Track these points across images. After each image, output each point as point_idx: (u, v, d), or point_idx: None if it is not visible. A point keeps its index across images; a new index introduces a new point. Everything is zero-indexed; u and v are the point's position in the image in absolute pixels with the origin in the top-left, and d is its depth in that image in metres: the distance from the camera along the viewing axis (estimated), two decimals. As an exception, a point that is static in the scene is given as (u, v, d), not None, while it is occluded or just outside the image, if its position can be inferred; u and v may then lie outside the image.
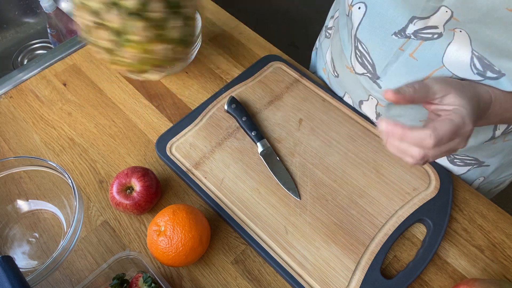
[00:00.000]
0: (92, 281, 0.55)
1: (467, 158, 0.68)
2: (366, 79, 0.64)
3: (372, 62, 0.61)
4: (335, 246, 0.60)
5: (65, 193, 0.64)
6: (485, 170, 0.71)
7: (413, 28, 0.54)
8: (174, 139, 0.70)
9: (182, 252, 0.55)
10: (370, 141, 0.69)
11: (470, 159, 0.69)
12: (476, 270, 0.60)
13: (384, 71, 0.60)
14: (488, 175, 0.72)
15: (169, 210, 0.57)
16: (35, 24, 1.12)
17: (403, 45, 0.56)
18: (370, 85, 0.64)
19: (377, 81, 0.62)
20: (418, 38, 0.54)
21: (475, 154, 0.68)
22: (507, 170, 0.73)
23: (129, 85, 0.80)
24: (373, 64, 0.61)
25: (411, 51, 0.56)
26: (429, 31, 0.53)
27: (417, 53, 0.56)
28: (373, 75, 0.62)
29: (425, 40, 0.54)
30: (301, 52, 1.86)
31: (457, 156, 0.69)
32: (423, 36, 0.54)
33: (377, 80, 0.62)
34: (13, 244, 0.63)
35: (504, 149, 0.67)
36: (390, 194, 0.64)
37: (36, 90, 0.80)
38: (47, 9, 0.95)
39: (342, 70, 0.70)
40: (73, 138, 0.74)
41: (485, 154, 0.68)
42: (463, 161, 0.69)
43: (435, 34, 0.53)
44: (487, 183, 0.74)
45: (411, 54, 0.56)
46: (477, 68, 0.52)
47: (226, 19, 0.90)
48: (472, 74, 0.53)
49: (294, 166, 0.67)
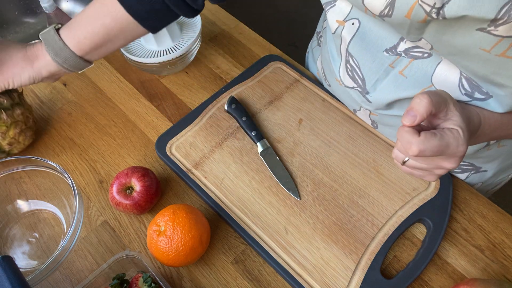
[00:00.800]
0: (92, 281, 0.55)
1: (464, 164, 0.68)
2: (356, 92, 0.64)
3: (363, 77, 0.61)
4: (335, 246, 0.60)
5: (65, 193, 0.64)
6: (483, 175, 0.71)
7: (404, 46, 0.54)
8: (174, 139, 0.70)
9: (182, 252, 0.55)
10: (370, 141, 0.69)
11: (466, 165, 0.69)
12: (476, 270, 0.60)
13: (373, 86, 0.60)
14: (486, 180, 0.72)
15: (169, 210, 0.57)
16: (35, 24, 1.12)
17: (393, 62, 0.57)
18: (361, 99, 0.64)
19: (367, 96, 0.62)
20: (409, 57, 0.55)
21: (472, 160, 0.68)
22: (505, 173, 0.73)
23: (129, 85, 0.80)
24: (363, 79, 0.61)
25: (401, 68, 0.56)
26: (419, 50, 0.53)
27: (407, 71, 0.56)
28: (362, 90, 0.62)
29: (416, 59, 0.54)
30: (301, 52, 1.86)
31: None
32: (414, 55, 0.54)
33: (366, 95, 0.62)
34: (13, 244, 0.63)
35: (501, 155, 0.67)
36: (390, 194, 0.64)
37: (36, 90, 0.80)
38: (47, 9, 0.95)
39: (333, 81, 0.70)
40: (73, 138, 0.74)
41: (481, 160, 0.67)
42: (461, 167, 0.69)
43: (425, 53, 0.53)
44: (485, 186, 0.74)
45: (400, 71, 0.57)
46: (465, 89, 0.52)
47: (226, 19, 0.90)
48: (460, 95, 0.53)
49: (294, 166, 0.67)
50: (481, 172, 0.70)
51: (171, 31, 0.76)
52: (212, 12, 0.91)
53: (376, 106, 0.62)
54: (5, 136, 0.65)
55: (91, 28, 0.60)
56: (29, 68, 0.62)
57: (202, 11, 0.63)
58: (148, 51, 0.77)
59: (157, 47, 0.77)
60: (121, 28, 0.60)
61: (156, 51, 0.77)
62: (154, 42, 0.76)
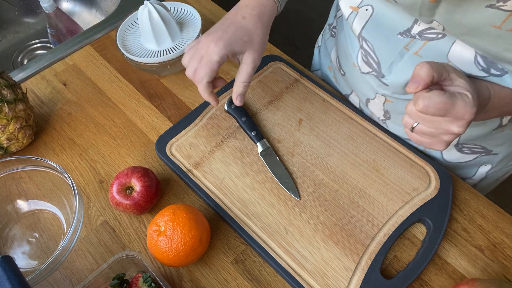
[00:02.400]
0: (92, 281, 0.55)
1: (475, 147, 0.69)
2: (372, 77, 0.64)
3: (378, 60, 0.61)
4: (335, 246, 0.60)
5: (65, 193, 0.64)
6: (493, 159, 0.72)
7: (418, 29, 0.55)
8: (174, 139, 0.70)
9: (182, 252, 0.55)
10: (370, 141, 0.69)
11: (478, 148, 0.69)
12: (476, 270, 0.60)
13: (389, 69, 0.61)
14: (496, 164, 0.73)
15: (169, 210, 0.57)
16: (35, 24, 1.12)
17: (408, 44, 0.57)
18: (377, 83, 0.64)
19: (382, 79, 0.62)
20: (423, 38, 0.55)
21: (483, 143, 0.69)
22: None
23: (129, 85, 0.80)
24: (378, 62, 0.61)
25: (415, 50, 0.57)
26: (433, 31, 0.54)
27: (422, 51, 0.56)
28: (378, 73, 0.63)
29: (430, 40, 0.55)
30: (301, 52, 1.86)
31: (465, 145, 0.69)
32: (428, 36, 0.55)
33: (382, 78, 0.62)
34: (13, 244, 0.63)
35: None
36: (390, 194, 0.64)
37: (36, 90, 0.80)
38: (47, 9, 0.95)
39: (349, 68, 0.70)
40: (73, 138, 0.74)
41: (493, 142, 0.68)
42: (471, 149, 0.70)
43: (439, 34, 0.54)
44: (495, 172, 0.75)
45: (416, 52, 0.57)
46: (481, 65, 0.53)
47: (226, 19, 0.90)
48: (478, 70, 0.53)
49: (294, 166, 0.67)
50: (491, 155, 0.71)
51: (171, 31, 0.76)
52: (212, 12, 0.91)
53: (393, 90, 0.63)
54: (5, 130, 0.65)
55: None
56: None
57: (202, 11, 0.64)
58: (148, 51, 0.77)
59: (157, 47, 0.77)
60: None
61: (156, 51, 0.77)
62: (154, 42, 0.76)
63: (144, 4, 0.74)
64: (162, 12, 0.74)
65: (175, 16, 0.81)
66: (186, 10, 0.82)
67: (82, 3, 1.12)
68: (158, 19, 0.74)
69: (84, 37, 0.87)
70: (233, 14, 0.60)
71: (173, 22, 0.76)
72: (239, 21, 0.59)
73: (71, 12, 1.12)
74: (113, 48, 0.86)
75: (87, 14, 1.12)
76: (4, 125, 0.65)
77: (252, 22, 0.59)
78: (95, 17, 1.11)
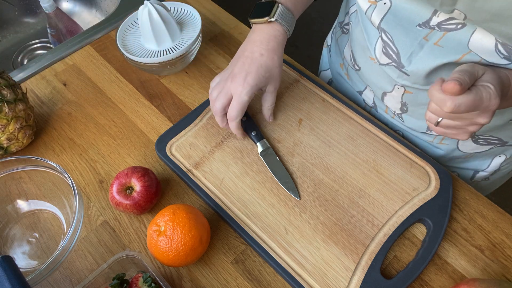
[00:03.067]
0: (92, 281, 0.55)
1: (491, 138, 0.70)
2: (391, 68, 0.64)
3: (397, 51, 0.62)
4: (335, 246, 0.60)
5: (65, 193, 0.64)
6: (508, 150, 0.73)
7: (437, 20, 0.55)
8: (174, 139, 0.70)
9: (182, 252, 0.55)
10: (370, 141, 0.69)
11: (494, 139, 0.70)
12: (476, 270, 0.60)
13: (409, 59, 0.61)
14: (511, 155, 0.74)
15: (169, 210, 0.57)
16: (35, 24, 1.12)
17: (427, 35, 0.58)
18: (397, 74, 0.64)
19: (403, 69, 0.63)
20: (442, 30, 0.56)
21: (499, 134, 0.69)
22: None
23: (129, 85, 0.80)
24: (397, 53, 0.62)
25: (435, 40, 0.57)
26: (452, 22, 0.54)
27: (442, 41, 0.57)
28: (398, 64, 0.63)
29: (449, 31, 0.55)
30: (301, 52, 1.86)
31: (481, 136, 0.70)
32: (447, 28, 0.55)
33: (402, 68, 0.63)
34: (13, 244, 0.64)
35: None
36: (390, 194, 0.64)
37: (36, 90, 0.80)
38: (47, 9, 0.95)
39: (365, 62, 0.71)
40: (73, 138, 0.74)
41: (509, 133, 0.69)
42: (487, 140, 0.70)
43: (458, 24, 0.54)
44: (508, 164, 0.76)
45: (435, 43, 0.58)
46: (502, 53, 0.53)
47: (226, 19, 0.90)
48: (499, 58, 0.54)
49: (294, 166, 0.67)
50: (506, 146, 0.72)
51: (171, 31, 0.76)
52: (212, 12, 0.91)
53: (414, 79, 0.63)
54: (5, 130, 0.65)
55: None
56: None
57: (202, 11, 0.64)
58: (148, 51, 0.77)
59: (157, 47, 0.77)
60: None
61: (156, 51, 0.77)
62: (154, 42, 0.76)
63: (144, 4, 0.74)
64: (162, 12, 0.74)
65: (175, 16, 0.81)
66: (186, 10, 0.82)
67: (82, 3, 1.12)
68: (158, 19, 0.74)
69: (84, 37, 0.87)
70: (250, 52, 0.64)
71: (173, 22, 0.76)
72: (258, 59, 0.64)
73: (71, 12, 1.12)
74: (113, 48, 0.86)
75: (87, 14, 1.12)
76: (4, 125, 0.65)
77: (269, 58, 0.64)
78: (95, 17, 1.11)
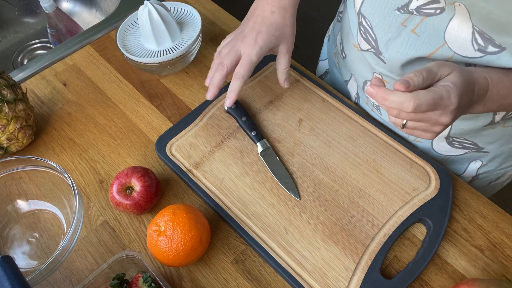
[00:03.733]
0: (92, 281, 0.55)
1: (466, 142, 0.69)
2: (371, 54, 0.65)
3: (375, 37, 0.62)
4: (335, 246, 0.60)
5: (65, 193, 0.64)
6: (484, 156, 0.72)
7: (416, 4, 0.55)
8: (174, 139, 0.70)
9: (182, 252, 0.55)
10: (370, 141, 0.69)
11: (468, 143, 0.70)
12: (476, 270, 0.60)
13: (386, 46, 0.61)
14: (487, 162, 0.73)
15: (169, 210, 0.57)
16: (35, 24, 1.12)
17: (405, 21, 0.57)
18: (375, 61, 0.65)
19: (380, 56, 0.63)
20: (421, 14, 0.56)
21: (474, 139, 0.69)
22: (506, 161, 0.74)
23: (129, 85, 0.80)
24: (375, 39, 0.62)
25: (412, 27, 0.57)
26: (431, 6, 0.54)
27: (419, 29, 0.57)
28: (376, 51, 0.63)
29: (427, 16, 0.55)
30: (301, 52, 1.86)
31: (456, 138, 0.69)
32: (426, 12, 0.55)
33: (380, 55, 0.63)
34: (13, 244, 0.64)
35: (504, 136, 0.68)
36: (390, 194, 0.64)
37: (36, 90, 0.80)
38: (47, 9, 0.95)
39: (349, 49, 0.71)
40: (73, 138, 0.74)
41: (484, 139, 0.68)
42: (461, 144, 0.70)
43: (437, 9, 0.54)
44: (487, 173, 0.75)
45: (412, 30, 0.57)
46: (478, 44, 0.53)
47: (226, 19, 0.90)
48: (473, 51, 0.54)
49: (294, 166, 0.67)
50: (482, 152, 0.71)
51: (171, 31, 0.76)
52: (212, 12, 0.91)
53: (390, 68, 0.63)
54: (5, 130, 0.65)
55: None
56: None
57: (202, 11, 0.64)
58: (148, 51, 0.77)
59: (157, 47, 0.77)
60: None
61: (156, 51, 0.77)
62: (154, 42, 0.76)
63: (144, 4, 0.74)
64: (162, 12, 0.74)
65: (175, 16, 0.81)
66: (186, 10, 0.82)
67: (82, 3, 1.12)
68: (158, 19, 0.74)
69: (84, 37, 0.87)
70: (261, 10, 0.63)
71: (173, 22, 0.76)
72: (269, 17, 0.62)
73: (71, 12, 1.12)
74: (113, 48, 0.86)
75: (87, 14, 1.12)
76: (4, 125, 0.65)
77: (281, 16, 0.62)
78: (95, 17, 1.11)
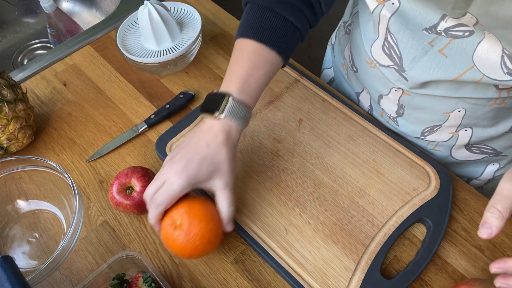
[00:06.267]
0: (92, 281, 0.55)
1: (485, 147, 0.70)
2: (392, 71, 0.64)
3: (400, 54, 0.61)
4: (335, 246, 0.60)
5: (65, 193, 0.64)
6: (501, 159, 0.73)
7: (444, 25, 0.54)
8: (174, 139, 0.70)
9: (200, 246, 0.54)
10: (370, 141, 0.69)
11: (487, 148, 0.70)
12: (476, 270, 0.60)
13: (410, 64, 0.61)
14: (505, 165, 0.74)
15: (184, 203, 0.56)
16: (35, 24, 1.12)
17: (432, 41, 0.57)
18: (396, 77, 0.64)
19: (403, 73, 0.62)
20: (449, 36, 0.55)
21: (493, 144, 0.69)
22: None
23: (129, 85, 0.80)
24: (400, 57, 0.61)
25: (440, 47, 0.57)
26: (460, 28, 0.53)
27: (447, 50, 0.56)
28: (399, 68, 0.62)
29: (456, 38, 0.54)
30: (301, 52, 1.85)
31: (475, 145, 0.70)
32: (454, 34, 0.54)
33: (402, 73, 0.62)
34: (13, 244, 0.64)
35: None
36: (390, 194, 0.64)
37: (36, 90, 0.80)
38: (47, 9, 0.95)
39: (361, 64, 0.71)
40: (73, 138, 0.74)
41: (503, 144, 0.69)
42: (480, 149, 0.70)
43: (466, 31, 0.53)
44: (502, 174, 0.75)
45: (440, 50, 0.57)
46: (508, 67, 0.52)
47: (226, 19, 0.90)
48: (503, 74, 0.53)
49: (294, 166, 0.67)
50: (501, 156, 0.72)
51: (171, 31, 0.76)
52: (212, 12, 0.91)
53: (411, 85, 0.63)
54: (5, 130, 0.65)
55: (260, 80, 0.58)
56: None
57: (202, 11, 0.64)
58: (148, 51, 0.77)
59: (157, 47, 0.77)
60: (275, 69, 0.60)
61: (156, 51, 0.77)
62: (154, 42, 0.76)
63: (144, 4, 0.74)
64: (162, 12, 0.74)
65: (175, 16, 0.81)
66: (186, 10, 0.82)
67: (82, 3, 1.12)
68: (158, 19, 0.74)
69: (84, 37, 0.87)
70: (196, 141, 0.56)
71: (173, 22, 0.76)
72: (203, 150, 0.55)
73: (71, 12, 1.12)
74: (113, 48, 0.86)
75: (87, 14, 1.12)
76: (4, 125, 0.65)
77: (216, 151, 0.55)
78: (95, 17, 1.11)
